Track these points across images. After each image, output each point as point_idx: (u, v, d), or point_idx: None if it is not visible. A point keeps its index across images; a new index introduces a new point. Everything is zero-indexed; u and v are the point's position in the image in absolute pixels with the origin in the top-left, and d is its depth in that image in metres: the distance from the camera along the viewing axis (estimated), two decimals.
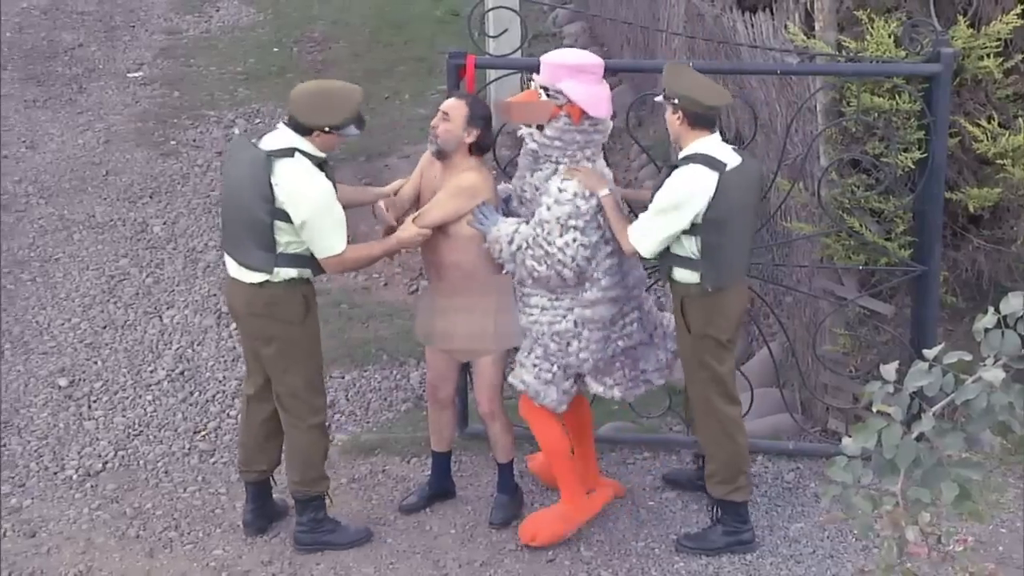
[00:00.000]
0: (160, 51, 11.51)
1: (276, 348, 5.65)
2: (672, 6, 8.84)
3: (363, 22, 12.10)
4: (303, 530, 5.90)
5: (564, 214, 5.51)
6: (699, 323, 5.59)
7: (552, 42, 11.44)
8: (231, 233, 5.59)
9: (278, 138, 5.52)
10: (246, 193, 5.45)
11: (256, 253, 5.50)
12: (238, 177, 5.51)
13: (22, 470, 6.43)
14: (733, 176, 5.41)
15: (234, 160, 5.60)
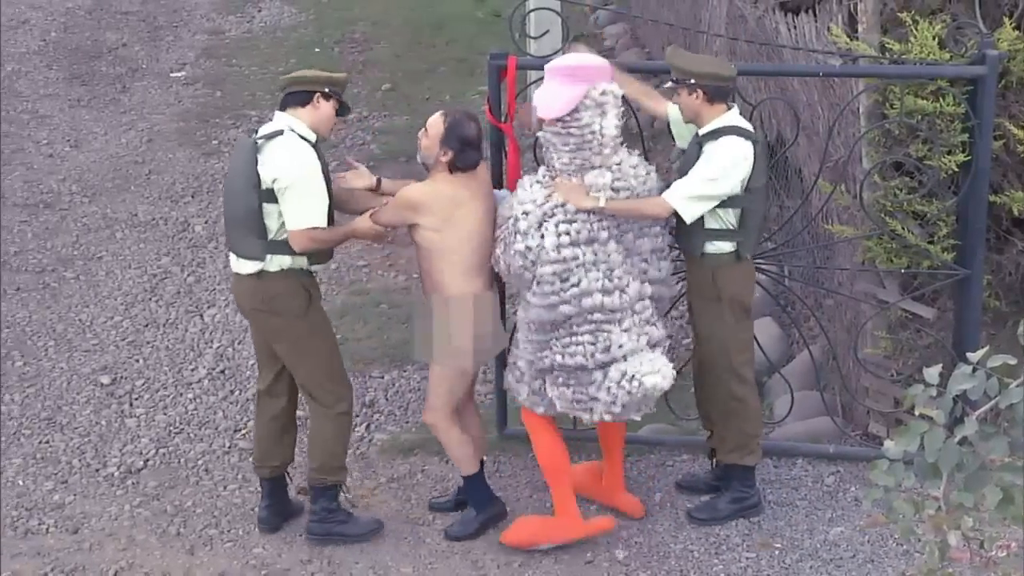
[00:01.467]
0: (203, 51, 11.58)
1: (287, 343, 5.72)
2: (714, 8, 8.82)
3: (404, 23, 12.14)
4: (316, 519, 5.94)
5: (510, 216, 5.59)
6: (732, 290, 5.79)
7: (592, 43, 11.44)
8: (229, 227, 5.69)
9: (271, 124, 5.65)
10: (238, 181, 5.56)
11: (249, 241, 5.57)
12: (231, 168, 5.65)
13: (64, 467, 6.48)
14: (760, 146, 5.69)
15: (233, 156, 5.73)
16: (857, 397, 6.60)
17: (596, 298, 5.53)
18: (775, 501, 6.22)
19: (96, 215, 8.87)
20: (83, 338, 7.57)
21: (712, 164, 5.59)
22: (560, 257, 5.53)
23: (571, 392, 5.65)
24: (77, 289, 8.04)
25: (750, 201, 5.69)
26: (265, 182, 5.53)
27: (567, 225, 5.53)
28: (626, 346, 5.58)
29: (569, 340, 5.59)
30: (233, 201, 5.60)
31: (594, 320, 5.55)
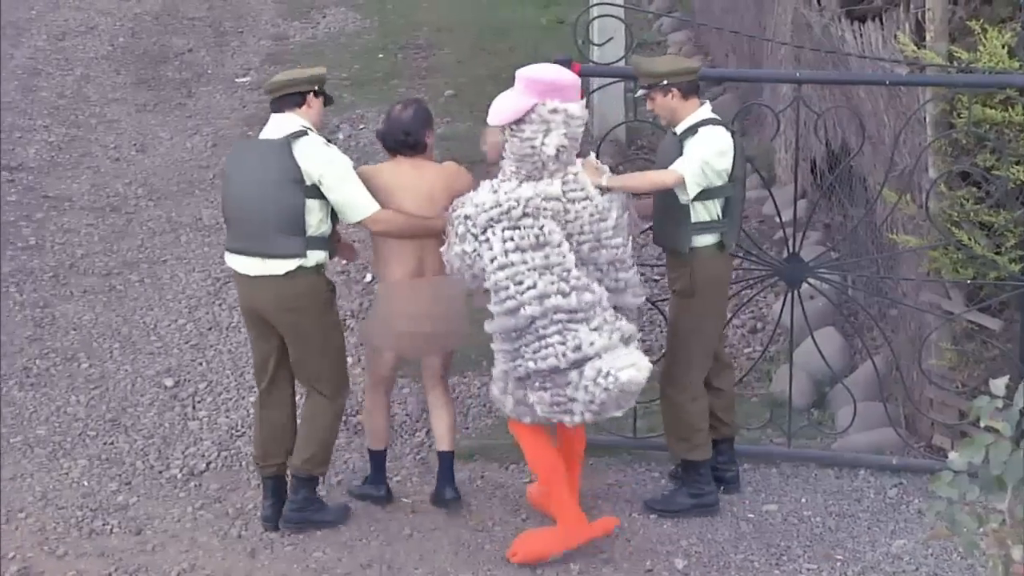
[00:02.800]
0: (267, 56, 11.67)
1: (308, 338, 5.82)
2: (779, 15, 8.78)
3: (468, 29, 12.17)
4: (295, 507, 6.05)
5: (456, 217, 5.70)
6: (705, 283, 5.88)
7: (656, 50, 11.42)
8: (251, 232, 5.70)
9: (279, 127, 5.72)
10: (271, 183, 5.62)
11: (287, 240, 5.65)
12: (256, 172, 5.67)
13: (128, 468, 6.55)
14: (737, 136, 5.85)
15: (243, 161, 5.77)
16: (921, 409, 6.53)
17: (555, 299, 5.53)
18: (837, 512, 6.18)
19: (161, 219, 8.96)
20: (147, 341, 7.65)
21: (703, 147, 5.72)
22: (508, 261, 5.56)
23: (549, 395, 5.63)
24: (142, 292, 8.13)
25: (733, 190, 5.82)
26: (309, 178, 5.63)
27: (511, 231, 5.57)
28: (597, 343, 5.55)
29: (539, 344, 5.58)
30: (263, 205, 5.65)
31: (559, 320, 5.55)
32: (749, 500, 6.29)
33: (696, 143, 5.75)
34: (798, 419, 6.73)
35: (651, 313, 7.67)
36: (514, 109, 5.57)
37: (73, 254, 8.49)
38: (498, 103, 5.63)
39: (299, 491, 6.04)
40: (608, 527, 5.96)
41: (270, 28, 12.34)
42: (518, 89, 5.62)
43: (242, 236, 5.76)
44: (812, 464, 6.52)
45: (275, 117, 5.78)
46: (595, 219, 5.68)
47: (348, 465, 6.55)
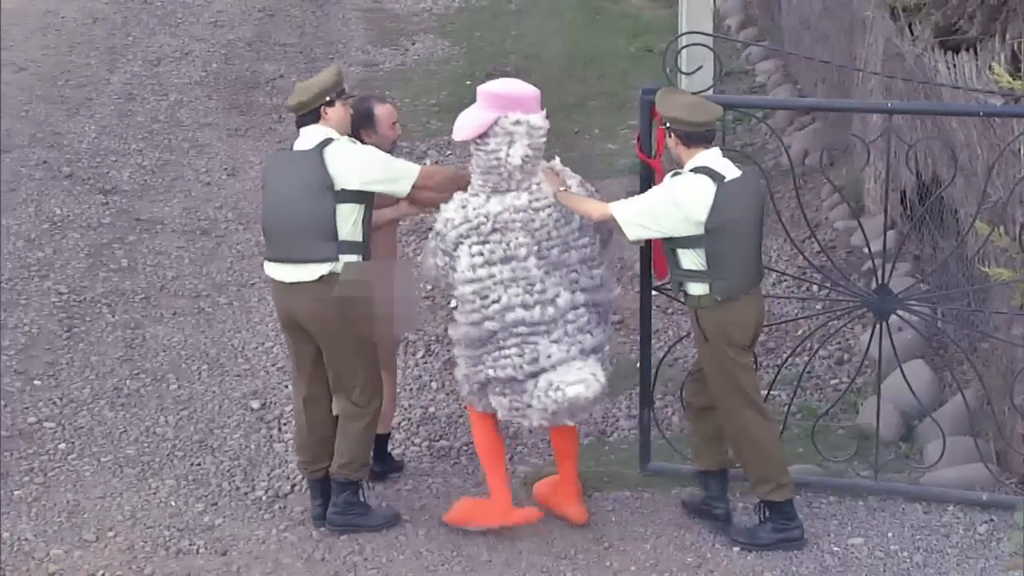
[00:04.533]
0: (358, 83, 11.78)
1: (342, 344, 5.95)
2: (870, 45, 8.71)
3: (556, 57, 12.21)
4: (337, 511, 6.18)
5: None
6: (714, 332, 5.81)
7: (744, 79, 11.38)
8: (286, 239, 5.89)
9: (309, 138, 5.91)
10: (303, 191, 5.82)
11: (318, 245, 5.83)
12: (289, 181, 5.87)
13: (215, 489, 6.61)
14: (732, 187, 5.67)
15: (278, 171, 5.96)
16: (1013, 444, 6.43)
17: (518, 313, 5.78)
18: (925, 548, 6.09)
19: (250, 242, 9.06)
20: (235, 363, 7.73)
21: (663, 188, 5.73)
22: (476, 276, 5.81)
23: (507, 401, 5.93)
24: (230, 315, 8.22)
25: (713, 242, 5.67)
26: (339, 184, 5.82)
27: (480, 246, 5.80)
28: (555, 356, 5.82)
29: (498, 354, 5.85)
30: (296, 212, 5.84)
31: (519, 333, 5.80)
32: (834, 533, 6.22)
33: (657, 188, 5.79)
34: (885, 452, 6.65)
35: None
36: (478, 123, 5.79)
37: (164, 276, 8.61)
38: (461, 119, 5.86)
39: (340, 495, 6.19)
40: (532, 517, 6.16)
41: (360, 55, 12.46)
42: (480, 104, 5.85)
43: (278, 244, 5.95)
44: (899, 498, 6.43)
45: (303, 131, 5.97)
46: (560, 223, 5.87)
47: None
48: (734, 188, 5.68)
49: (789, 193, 8.97)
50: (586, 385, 5.79)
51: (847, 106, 8.65)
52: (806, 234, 8.24)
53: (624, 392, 7.35)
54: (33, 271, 8.57)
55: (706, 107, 5.79)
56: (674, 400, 7.11)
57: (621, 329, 7.88)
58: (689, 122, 5.72)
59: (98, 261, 8.74)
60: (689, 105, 5.76)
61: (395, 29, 13.04)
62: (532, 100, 5.86)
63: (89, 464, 6.79)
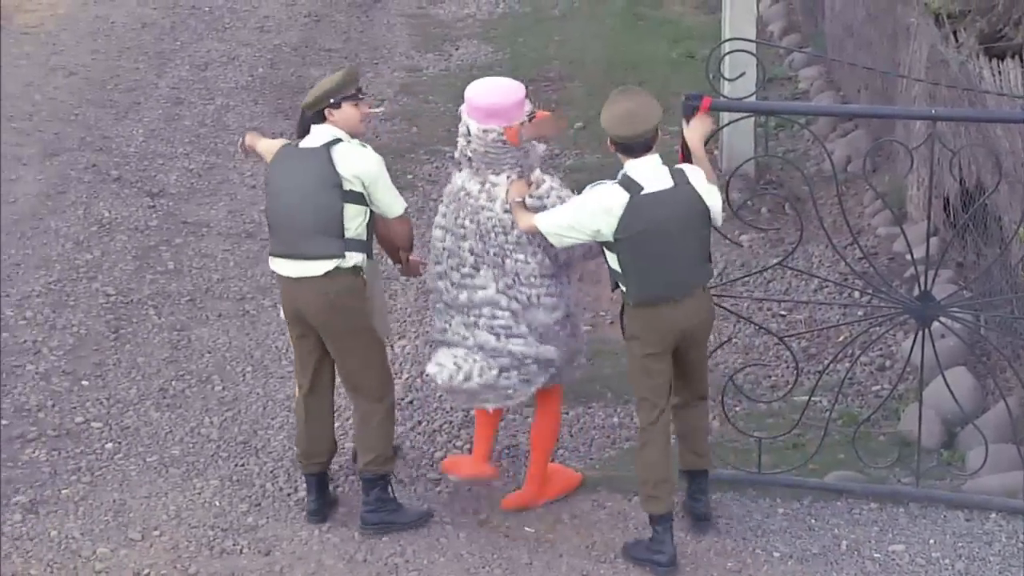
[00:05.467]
0: (401, 88, 11.84)
1: (348, 340, 6.06)
2: (914, 52, 8.69)
3: (598, 62, 12.22)
4: (370, 509, 6.26)
5: None
6: (630, 331, 5.96)
7: (787, 86, 11.37)
8: (293, 235, 5.99)
9: (316, 137, 6.04)
10: (312, 188, 5.94)
11: (325, 241, 5.95)
12: (298, 178, 5.98)
13: (258, 490, 6.67)
14: (648, 199, 5.72)
15: (285, 167, 6.06)
16: None
17: (438, 283, 6.20)
18: (967, 556, 6.07)
19: None
20: (279, 365, 7.79)
21: (572, 205, 5.89)
22: (433, 234, 6.23)
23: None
24: (274, 317, 8.27)
25: (625, 251, 5.76)
26: (347, 183, 5.95)
27: (443, 207, 6.23)
28: (447, 334, 6.20)
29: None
30: (307, 205, 5.95)
31: (439, 303, 6.22)
32: (875, 540, 6.22)
33: (576, 197, 5.93)
34: (927, 459, 6.64)
35: (778, 348, 7.64)
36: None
37: (209, 279, 8.69)
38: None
39: (370, 493, 6.28)
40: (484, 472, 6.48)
41: (404, 60, 12.52)
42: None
43: (284, 240, 6.06)
44: (941, 505, 6.42)
45: (313, 128, 6.10)
46: (498, 230, 6.06)
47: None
48: (652, 202, 5.72)
49: (832, 199, 8.97)
50: (440, 369, 6.13)
51: (891, 112, 8.63)
52: (848, 240, 8.23)
53: None
54: (81, 273, 8.67)
55: (639, 119, 5.76)
56: (714, 405, 7.11)
57: None
58: (620, 136, 5.79)
59: (145, 263, 8.84)
60: (622, 116, 5.78)
61: (439, 35, 13.10)
62: (476, 108, 6.12)
63: (135, 464, 6.87)
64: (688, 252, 5.83)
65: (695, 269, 5.89)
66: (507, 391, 6.17)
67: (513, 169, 6.08)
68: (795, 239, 6.61)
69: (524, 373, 6.15)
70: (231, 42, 12.76)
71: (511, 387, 6.16)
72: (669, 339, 5.89)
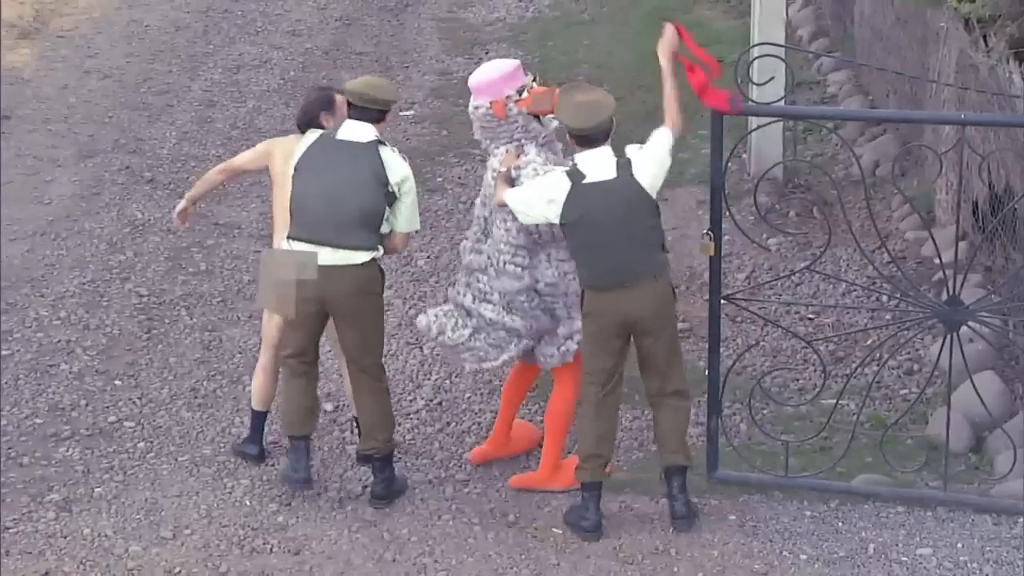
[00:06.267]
0: (431, 91, 11.90)
1: (368, 322, 6.41)
2: (943, 57, 8.69)
3: (627, 66, 12.24)
4: (384, 485, 6.57)
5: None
6: (585, 310, 6.25)
7: (815, 90, 11.36)
8: (334, 223, 6.19)
9: (358, 132, 6.27)
10: (361, 183, 6.19)
11: (365, 234, 6.24)
12: (346, 170, 6.19)
13: (288, 489, 6.71)
14: (591, 188, 6.05)
15: (329, 158, 6.24)
16: None
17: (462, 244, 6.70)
18: (995, 560, 6.08)
19: None
20: None
21: (528, 187, 6.26)
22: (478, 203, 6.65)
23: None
24: None
25: (568, 235, 6.14)
26: (392, 185, 6.24)
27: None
28: (450, 292, 6.73)
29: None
30: (356, 199, 6.19)
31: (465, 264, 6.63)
32: (903, 543, 6.23)
33: (532, 180, 6.29)
34: (955, 463, 6.64)
35: (805, 351, 7.65)
36: None
37: (240, 280, 8.76)
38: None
39: (385, 470, 6.56)
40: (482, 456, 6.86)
41: (435, 63, 12.57)
42: None
43: (320, 227, 6.23)
44: (969, 509, 6.43)
45: (352, 123, 6.30)
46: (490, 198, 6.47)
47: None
48: (592, 190, 6.04)
49: (860, 204, 8.98)
50: (423, 318, 6.69)
51: (920, 117, 8.63)
52: (876, 244, 8.24)
53: (692, 400, 7.38)
54: (114, 273, 8.76)
55: (591, 111, 6.10)
56: (742, 408, 7.15)
57: (690, 337, 7.92)
58: (573, 128, 6.11)
59: (177, 264, 8.92)
60: (578, 108, 6.12)
61: (469, 39, 13.15)
62: (474, 86, 6.46)
63: (167, 463, 6.94)
64: (632, 240, 6.08)
65: (642, 258, 6.10)
66: (479, 352, 6.55)
67: (510, 142, 6.41)
68: (823, 243, 6.64)
69: (493, 338, 6.50)
70: (263, 45, 12.84)
71: (481, 349, 6.54)
72: (616, 325, 6.16)
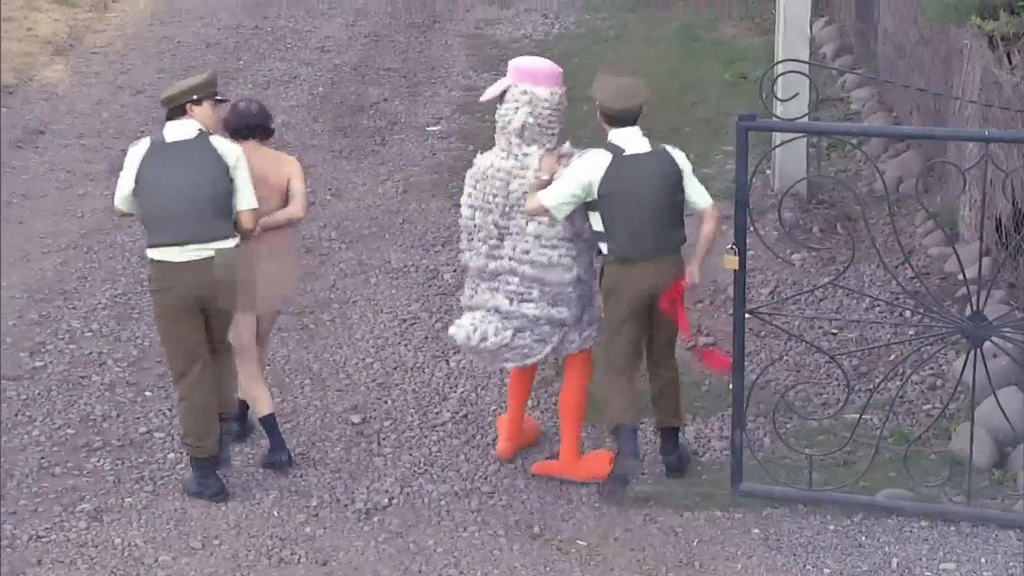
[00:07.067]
0: (457, 107, 11.99)
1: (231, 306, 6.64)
2: (967, 74, 8.73)
3: (651, 83, 12.26)
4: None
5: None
6: (607, 287, 6.58)
7: (839, 106, 11.42)
8: (192, 220, 6.42)
9: (182, 129, 6.53)
10: (205, 174, 6.45)
11: (221, 223, 6.49)
12: (187, 168, 6.44)
13: (316, 501, 6.80)
14: (629, 160, 6.45)
15: (168, 161, 6.47)
16: None
17: (465, 256, 6.84)
18: (1019, 575, 6.10)
19: (352, 261, 9.29)
20: (336, 378, 7.93)
21: (566, 173, 6.50)
22: (463, 214, 6.78)
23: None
24: (332, 331, 8.43)
25: (604, 207, 6.44)
26: (230, 168, 6.50)
27: (469, 188, 6.75)
28: (473, 299, 6.83)
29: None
30: (206, 191, 6.43)
31: (471, 273, 6.81)
32: (926, 558, 6.26)
33: (574, 161, 6.56)
34: (978, 479, 6.67)
35: (829, 366, 7.68)
36: (494, 88, 6.69)
37: None
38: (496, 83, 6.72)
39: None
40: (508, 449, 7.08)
41: (461, 80, 12.67)
42: (507, 74, 6.70)
43: (180, 228, 6.45)
44: (992, 525, 6.45)
45: (172, 123, 6.57)
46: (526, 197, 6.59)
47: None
48: (631, 162, 6.45)
49: (883, 219, 9.03)
50: (459, 329, 6.77)
51: (943, 134, 8.66)
52: (900, 260, 8.28)
53: (717, 413, 7.45)
54: (145, 286, 8.80)
55: (632, 93, 6.57)
56: (766, 422, 7.20)
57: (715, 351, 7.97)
58: (611, 107, 6.53)
59: None
60: (617, 90, 6.58)
61: (495, 55, 13.24)
62: (546, 75, 6.62)
63: None
64: (662, 213, 6.50)
65: (668, 232, 6.55)
66: (523, 350, 6.72)
67: (553, 136, 6.65)
68: (847, 258, 6.68)
69: (538, 333, 6.71)
70: (292, 61, 12.97)
71: (526, 346, 6.71)
72: (641, 297, 6.51)
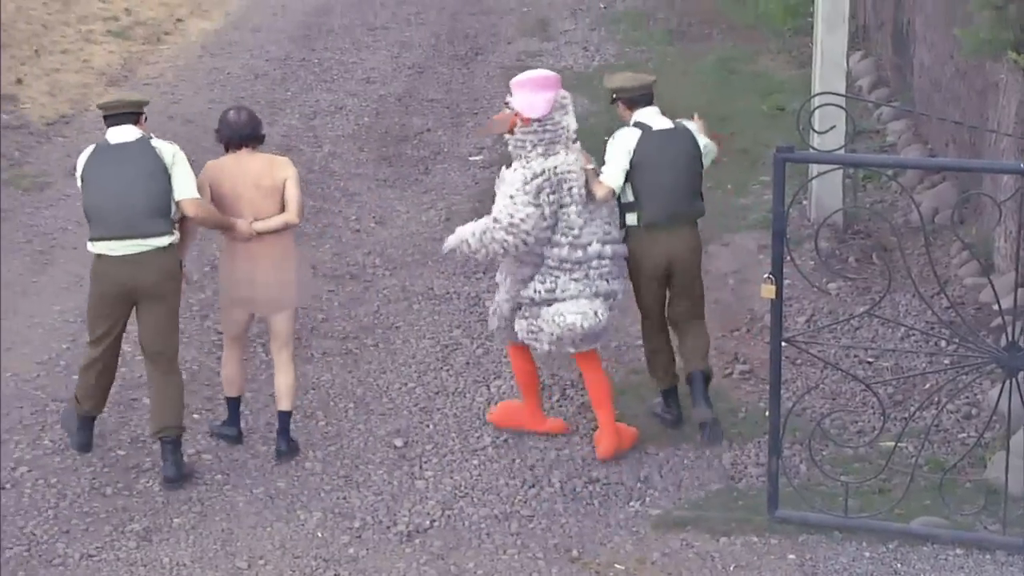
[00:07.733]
0: (499, 137, 12.05)
1: (172, 306, 7.14)
2: (1003, 107, 8.80)
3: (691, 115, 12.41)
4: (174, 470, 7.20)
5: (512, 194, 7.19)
6: (634, 257, 7.31)
7: (875, 139, 11.48)
8: (130, 217, 6.91)
9: (125, 134, 7.05)
10: (145, 173, 6.94)
11: (164, 221, 6.99)
12: (128, 167, 6.93)
13: (359, 522, 6.93)
14: (656, 135, 7.29)
15: (110, 162, 6.96)
16: None
17: (555, 250, 7.09)
18: None
19: (396, 287, 9.44)
20: (380, 402, 8.07)
21: (609, 148, 7.29)
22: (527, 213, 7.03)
23: (526, 324, 7.26)
24: (376, 356, 8.58)
25: (637, 176, 7.20)
26: (167, 165, 6.97)
27: (528, 191, 7.05)
28: (570, 290, 7.13)
29: (532, 280, 7.16)
30: (145, 188, 6.91)
31: (549, 266, 7.13)
32: None
33: (609, 145, 7.29)
34: (1014, 507, 6.70)
35: (864, 394, 7.75)
36: (549, 100, 7.14)
37: (315, 318, 9.01)
38: (527, 103, 7.14)
39: (175, 453, 7.21)
40: (558, 427, 7.60)
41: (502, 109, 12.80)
42: (533, 89, 7.21)
43: (119, 223, 6.94)
44: None
45: (116, 129, 7.07)
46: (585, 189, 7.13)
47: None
48: (657, 136, 7.28)
49: (919, 250, 9.10)
50: (583, 317, 7.10)
51: (978, 166, 8.73)
52: (935, 290, 8.35)
53: (753, 440, 7.54)
54: (195, 311, 9.04)
55: (640, 77, 7.50)
56: (802, 449, 7.29)
57: (750, 379, 8.07)
58: (631, 88, 7.39)
59: None
60: (628, 76, 7.57)
61: None
62: (557, 79, 7.27)
63: (243, 495, 7.17)
64: (684, 183, 7.31)
65: (691, 202, 7.36)
66: (607, 326, 7.32)
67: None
68: (882, 288, 6.76)
69: (613, 306, 7.31)
70: (339, 92, 13.16)
71: (607, 321, 7.28)
72: (663, 261, 7.29)
